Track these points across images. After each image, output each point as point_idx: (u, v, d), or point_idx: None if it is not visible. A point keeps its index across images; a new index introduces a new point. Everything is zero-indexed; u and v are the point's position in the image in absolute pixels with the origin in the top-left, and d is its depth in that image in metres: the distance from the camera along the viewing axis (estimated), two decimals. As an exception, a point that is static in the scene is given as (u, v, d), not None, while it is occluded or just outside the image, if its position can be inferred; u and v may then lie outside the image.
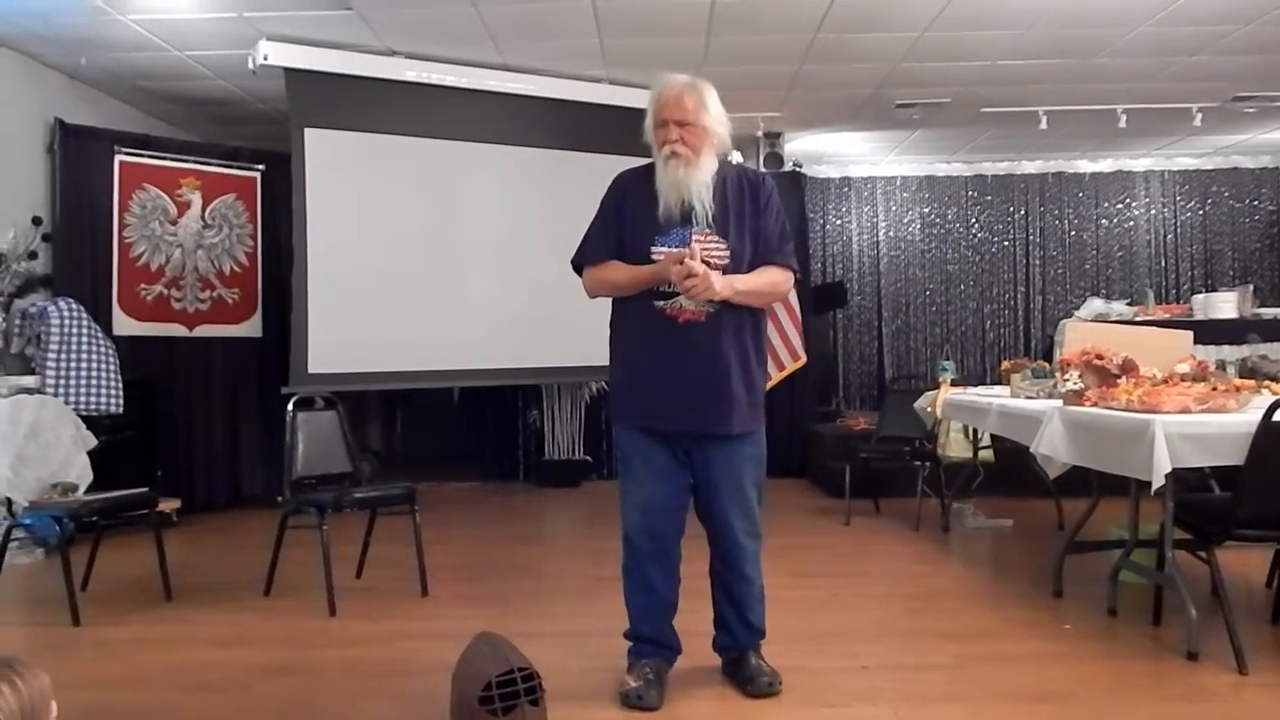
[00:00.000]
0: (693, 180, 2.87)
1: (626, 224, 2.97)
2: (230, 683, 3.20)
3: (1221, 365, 5.86)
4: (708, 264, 2.81)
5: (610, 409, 3.12)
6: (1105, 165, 9.44)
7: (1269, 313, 7.89)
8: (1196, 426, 3.22)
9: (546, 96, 6.67)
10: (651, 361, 2.91)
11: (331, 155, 6.20)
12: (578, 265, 3.07)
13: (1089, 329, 5.62)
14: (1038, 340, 9.25)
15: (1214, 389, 3.60)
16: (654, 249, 2.89)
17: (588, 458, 8.05)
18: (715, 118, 2.93)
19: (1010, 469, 5.88)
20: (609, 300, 3.08)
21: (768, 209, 3.01)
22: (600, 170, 3.16)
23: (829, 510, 6.38)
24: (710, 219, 2.89)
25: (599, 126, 6.66)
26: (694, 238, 2.88)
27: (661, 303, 2.87)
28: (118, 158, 6.35)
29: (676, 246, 2.86)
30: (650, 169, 2.99)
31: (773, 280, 2.97)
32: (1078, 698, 2.94)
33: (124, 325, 6.33)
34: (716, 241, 2.90)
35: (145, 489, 4.69)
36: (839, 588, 4.37)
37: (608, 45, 6.09)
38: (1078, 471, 3.83)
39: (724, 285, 2.81)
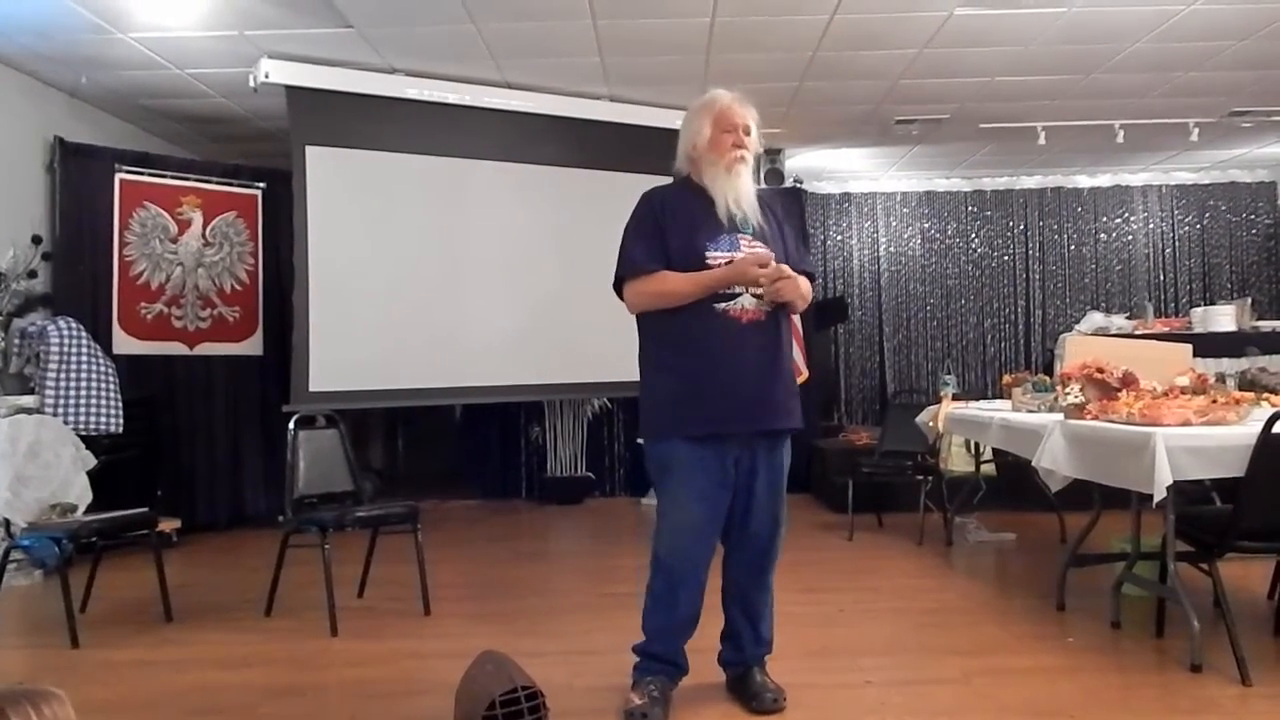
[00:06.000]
0: (747, 187, 2.98)
1: (672, 235, 2.97)
2: (235, 705, 3.18)
3: (1221, 378, 5.87)
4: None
5: (653, 424, 3.02)
6: (1103, 180, 9.48)
7: (1267, 325, 7.91)
8: (1197, 439, 3.22)
9: (548, 114, 6.69)
10: (715, 365, 2.91)
11: (333, 173, 6.22)
12: (621, 280, 3.03)
13: (1089, 343, 5.63)
14: (1038, 354, 9.26)
15: (1214, 401, 3.61)
16: (709, 254, 2.92)
17: (590, 474, 8.03)
18: (756, 134, 3.06)
19: (1012, 483, 5.90)
20: (614, 317, 3.10)
21: (786, 220, 3.14)
22: (602, 187, 3.18)
23: (832, 525, 6.36)
24: (758, 226, 2.99)
25: (600, 143, 6.69)
26: (743, 243, 2.95)
27: (723, 305, 2.90)
28: (118, 176, 6.37)
29: (728, 251, 2.92)
30: (683, 183, 3.05)
31: (808, 287, 3.11)
32: (1084, 711, 2.93)
33: (124, 344, 6.33)
34: (761, 247, 2.97)
35: (145, 509, 4.68)
36: (843, 603, 4.36)
37: (609, 64, 6.12)
38: (1079, 485, 3.83)
39: (805, 286, 2.98)
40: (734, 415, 2.91)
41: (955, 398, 5.89)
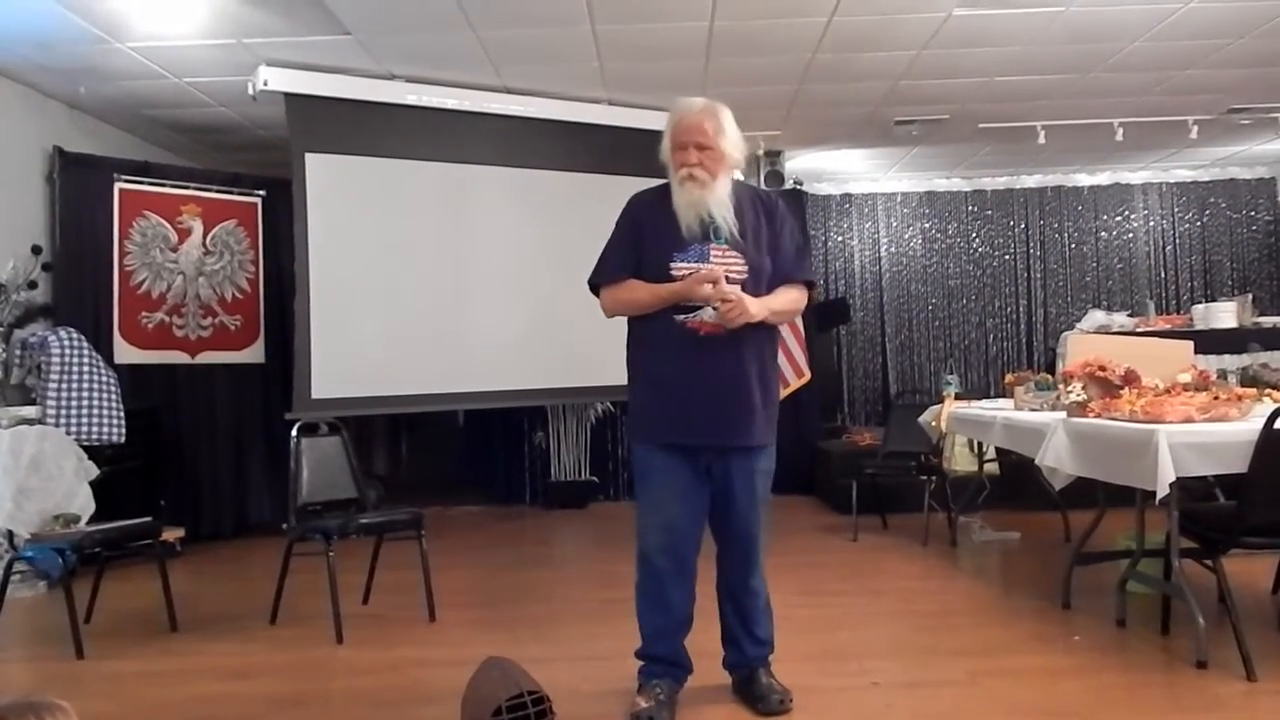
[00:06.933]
0: (710, 199, 2.92)
1: (645, 242, 2.99)
2: (241, 716, 3.18)
3: (1223, 374, 5.88)
4: (727, 278, 2.87)
5: (632, 427, 3.12)
6: (1103, 178, 9.48)
7: (1268, 321, 7.90)
8: (1200, 436, 3.22)
9: (548, 119, 6.70)
10: (675, 376, 2.93)
11: (332, 180, 6.22)
12: (594, 285, 3.08)
13: (1091, 341, 5.62)
14: (1040, 353, 9.26)
15: (1216, 398, 3.61)
16: (673, 265, 2.91)
17: (594, 479, 8.02)
18: (732, 141, 2.99)
19: (1016, 482, 5.89)
20: (615, 320, 3.11)
21: (783, 227, 3.09)
22: (603, 191, 3.19)
23: (836, 527, 6.36)
24: (730, 234, 2.94)
25: (601, 148, 6.70)
26: (713, 254, 2.92)
27: (682, 316, 2.89)
28: (118, 185, 6.37)
29: (695, 263, 2.90)
30: (665, 189, 3.03)
31: (794, 298, 3.08)
32: (1091, 711, 2.92)
33: (125, 354, 6.33)
34: (735, 257, 2.94)
35: (149, 519, 4.68)
36: (849, 605, 4.36)
37: (608, 69, 6.12)
38: (1083, 483, 3.83)
39: (760, 308, 2.88)
40: (692, 427, 2.92)
41: (958, 397, 5.88)
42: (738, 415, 2.93)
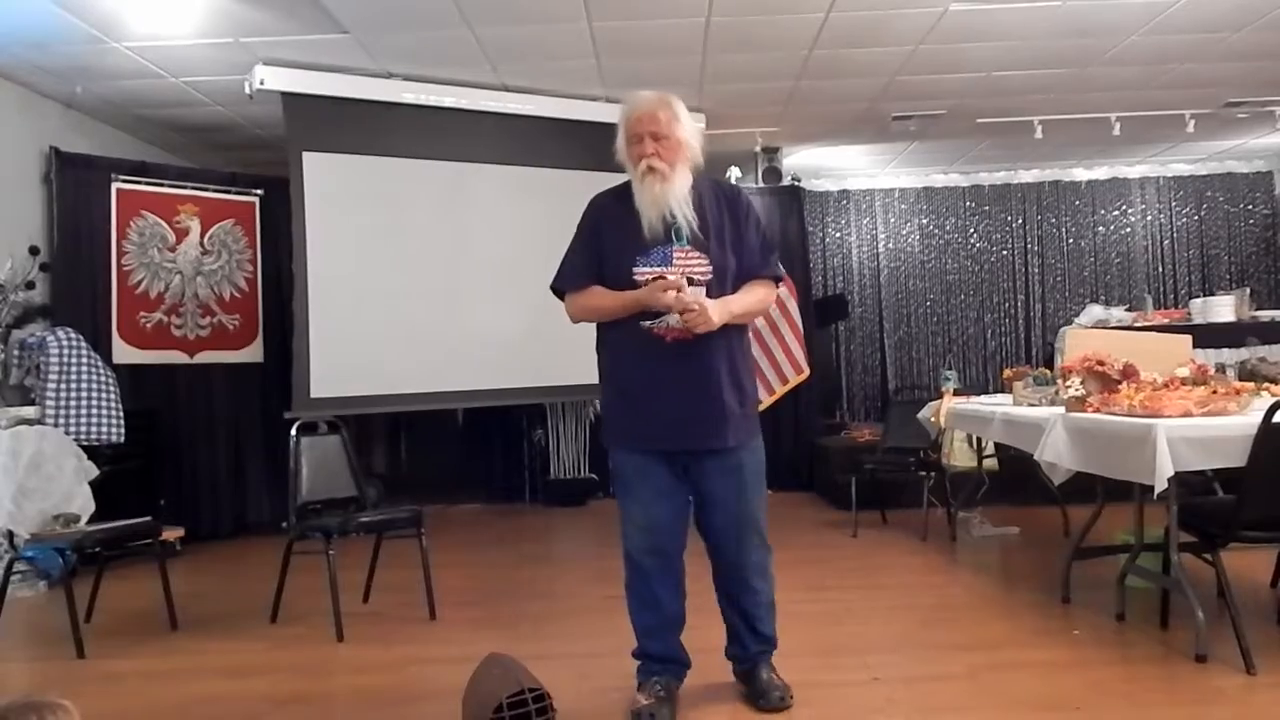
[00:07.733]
0: (671, 195, 2.86)
1: (606, 246, 2.96)
2: (242, 715, 3.18)
3: (1221, 368, 5.88)
4: (691, 280, 2.83)
5: (605, 432, 3.10)
6: (1101, 173, 9.49)
7: (1266, 315, 7.91)
8: (1198, 430, 3.23)
9: (545, 116, 6.69)
10: (642, 382, 2.91)
11: (330, 178, 6.21)
12: (559, 291, 3.05)
13: (1089, 335, 5.62)
14: (1039, 348, 9.27)
15: (1214, 392, 3.61)
16: (636, 269, 2.87)
17: (594, 476, 8.02)
18: (689, 131, 2.95)
19: (1015, 477, 5.89)
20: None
21: (747, 221, 3.02)
22: (600, 188, 3.16)
23: (836, 523, 6.37)
24: (693, 233, 2.88)
25: (598, 145, 6.61)
26: (675, 256, 2.87)
27: (648, 322, 2.85)
28: (115, 185, 6.36)
29: (658, 266, 2.85)
30: (624, 189, 2.99)
31: (760, 297, 3.02)
32: (1090, 705, 2.93)
33: (124, 354, 6.32)
34: (698, 257, 2.89)
35: (148, 518, 4.67)
36: (849, 600, 4.36)
37: (605, 66, 6.12)
38: (1082, 477, 3.83)
39: (721, 312, 2.82)
40: (659, 433, 2.90)
41: (957, 393, 5.90)
42: (710, 419, 2.89)
